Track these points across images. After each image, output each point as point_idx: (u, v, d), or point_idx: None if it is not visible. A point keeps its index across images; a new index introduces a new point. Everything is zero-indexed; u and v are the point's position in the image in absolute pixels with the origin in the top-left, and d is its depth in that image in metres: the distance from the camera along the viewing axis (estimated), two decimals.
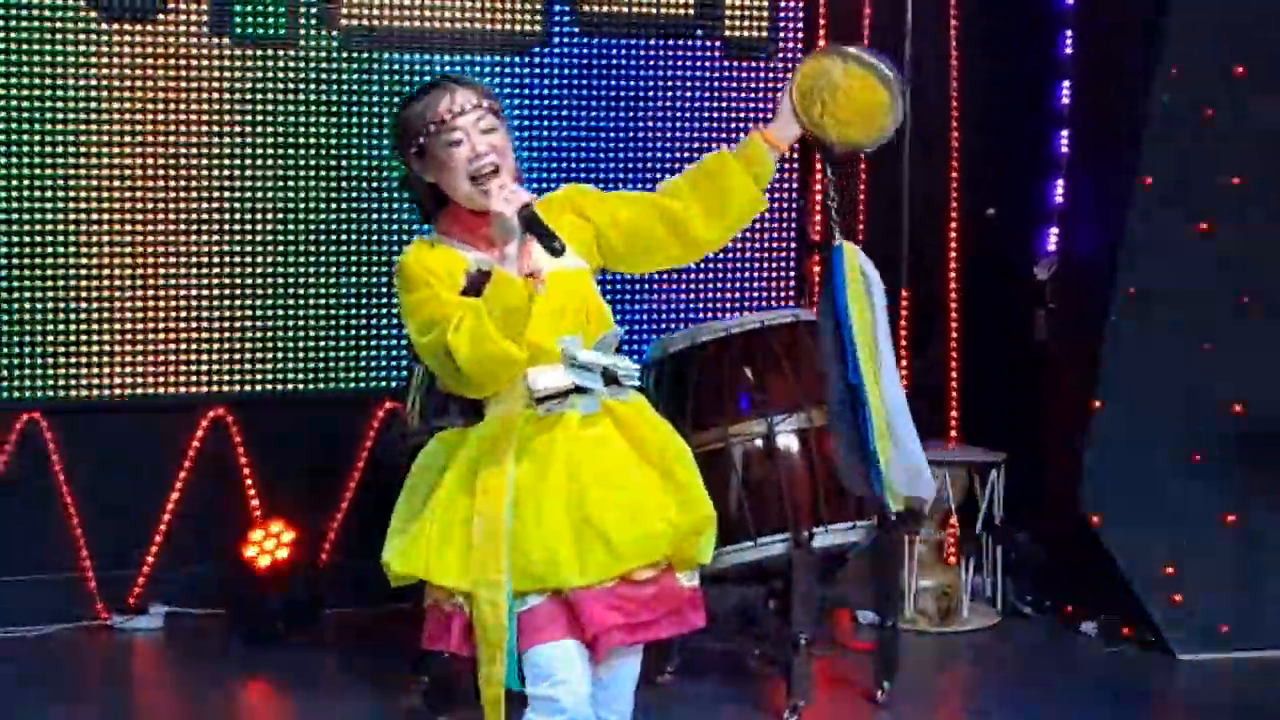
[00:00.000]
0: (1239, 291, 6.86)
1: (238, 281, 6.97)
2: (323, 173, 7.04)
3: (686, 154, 7.32)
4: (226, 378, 6.99)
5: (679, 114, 7.41)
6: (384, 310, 7.11)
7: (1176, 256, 6.85)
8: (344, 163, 7.05)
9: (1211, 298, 6.86)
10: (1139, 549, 6.82)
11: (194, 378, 6.96)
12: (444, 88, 4.18)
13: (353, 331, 7.11)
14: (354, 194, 7.07)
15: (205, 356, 6.96)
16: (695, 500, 4.19)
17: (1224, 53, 6.81)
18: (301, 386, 7.07)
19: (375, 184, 7.07)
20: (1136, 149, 6.86)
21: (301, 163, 7.01)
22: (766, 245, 7.58)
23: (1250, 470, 6.82)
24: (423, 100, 4.18)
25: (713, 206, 4.31)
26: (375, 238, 7.09)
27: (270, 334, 7.02)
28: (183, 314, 6.93)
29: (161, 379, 6.93)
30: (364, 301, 7.11)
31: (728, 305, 7.54)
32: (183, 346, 6.93)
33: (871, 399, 4.47)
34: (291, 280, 7.03)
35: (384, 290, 7.09)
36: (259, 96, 6.93)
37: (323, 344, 7.08)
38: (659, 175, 7.25)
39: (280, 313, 7.03)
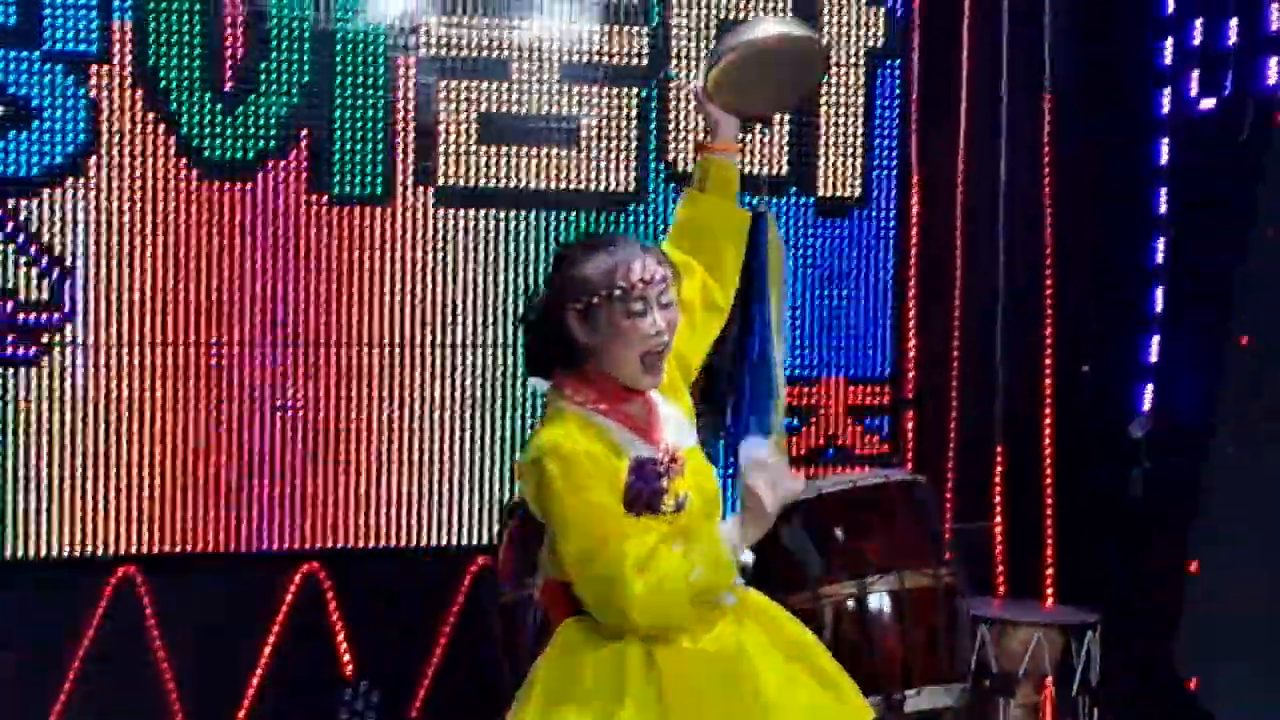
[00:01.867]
0: None
1: (328, 435, 7.01)
2: (420, 327, 7.08)
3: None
4: (313, 532, 7.02)
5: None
6: (476, 462, 7.13)
7: (1273, 414, 6.79)
8: (441, 318, 7.09)
9: None
10: (1243, 714, 6.71)
11: (283, 531, 6.98)
12: (634, 248, 3.90)
13: (444, 484, 7.12)
14: (449, 349, 7.11)
15: (298, 510, 6.99)
16: (850, 696, 4.04)
17: None
18: (393, 541, 7.08)
19: (474, 340, 7.11)
20: (1230, 307, 6.84)
21: (399, 317, 7.06)
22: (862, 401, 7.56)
23: None
24: (608, 257, 3.87)
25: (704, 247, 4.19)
26: (471, 390, 7.12)
27: (361, 487, 7.04)
28: (277, 468, 6.96)
29: (249, 534, 6.96)
30: (457, 454, 7.13)
31: None
32: (276, 501, 6.96)
33: (777, 373, 4.31)
34: (380, 433, 7.07)
35: (476, 443, 7.11)
36: (356, 254, 7.01)
37: (414, 498, 7.09)
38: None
39: (371, 465, 7.06)
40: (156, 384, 6.82)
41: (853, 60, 7.48)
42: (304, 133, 6.91)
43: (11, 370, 6.65)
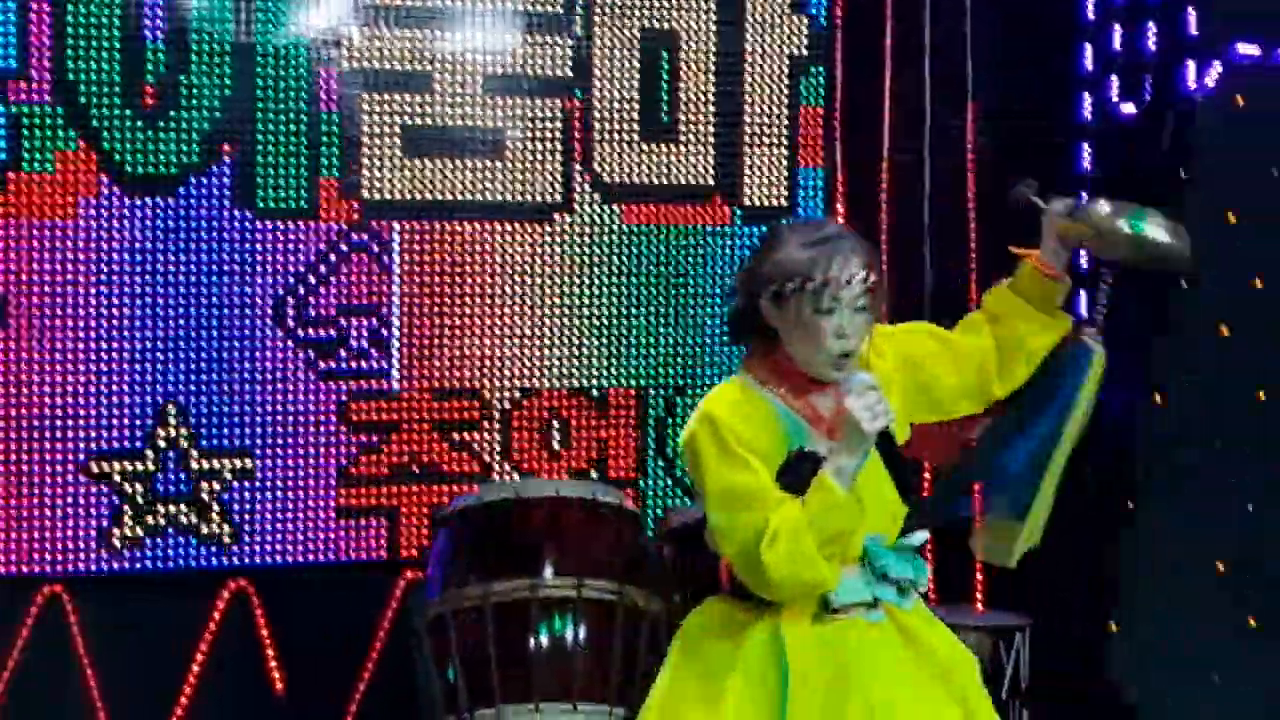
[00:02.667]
0: (1266, 444, 6.85)
1: (249, 448, 6.97)
2: (355, 342, 7.05)
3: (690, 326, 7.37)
4: (246, 549, 6.97)
5: (696, 283, 7.43)
6: (401, 480, 7.10)
7: (1200, 415, 6.85)
8: (365, 330, 7.07)
9: (1237, 457, 6.84)
10: (1164, 714, 6.74)
11: (211, 549, 6.94)
12: (842, 244, 3.84)
13: (372, 500, 7.08)
14: (382, 362, 7.08)
15: (226, 527, 6.94)
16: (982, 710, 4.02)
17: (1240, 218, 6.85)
18: (322, 558, 7.04)
19: (391, 355, 7.09)
20: (1160, 307, 6.89)
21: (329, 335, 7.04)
22: None
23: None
24: (814, 249, 3.81)
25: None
26: (380, 400, 7.08)
27: (288, 503, 7.00)
28: (202, 485, 6.91)
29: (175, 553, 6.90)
30: (382, 471, 7.10)
31: None
32: (201, 517, 6.91)
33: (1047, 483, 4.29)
34: (299, 446, 7.02)
35: (398, 461, 7.09)
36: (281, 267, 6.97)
37: (343, 513, 7.06)
38: (680, 338, 7.34)
39: (296, 481, 7.01)
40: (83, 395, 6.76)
41: (776, 68, 7.48)
42: (227, 147, 6.86)
43: None
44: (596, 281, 7.30)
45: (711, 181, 7.44)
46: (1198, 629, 6.81)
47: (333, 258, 7.00)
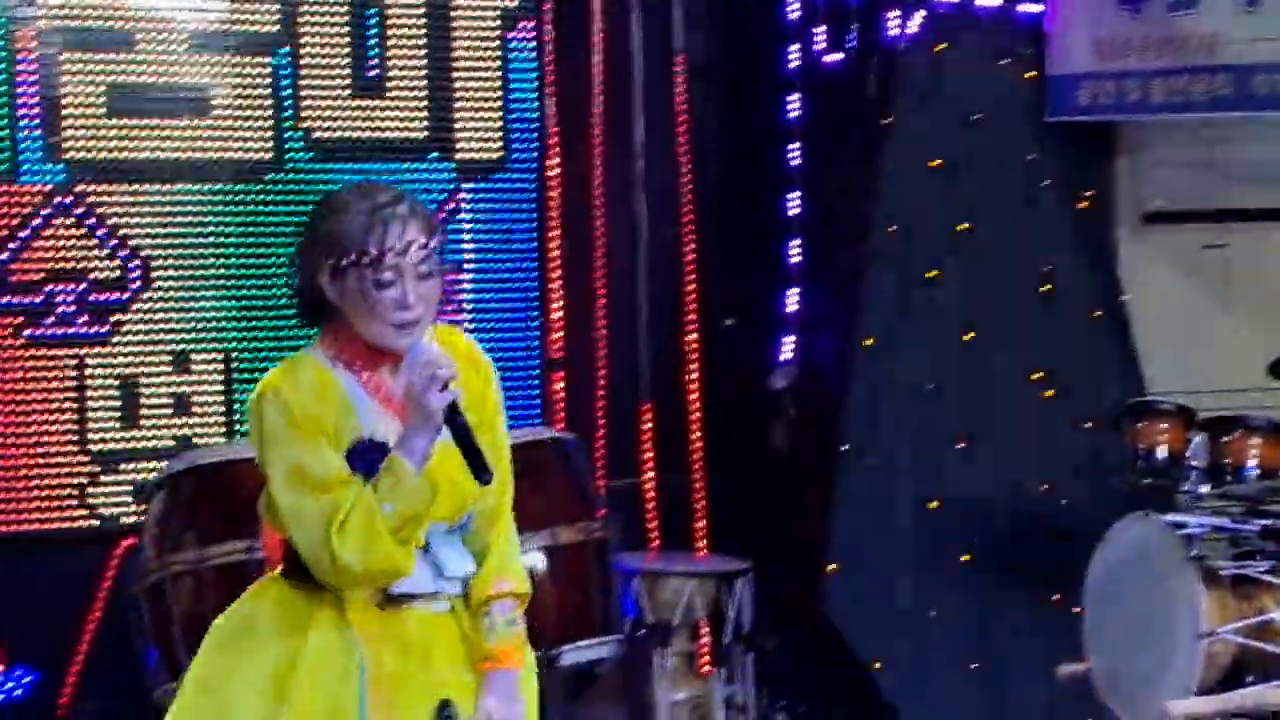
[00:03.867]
0: (970, 391, 7.03)
1: None
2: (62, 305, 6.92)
3: None
4: None
5: None
6: (122, 436, 7.00)
7: (907, 360, 7.01)
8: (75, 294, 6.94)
9: (944, 399, 7.01)
10: (883, 650, 6.91)
11: None
12: (396, 209, 3.59)
13: (89, 463, 6.96)
14: (81, 329, 6.95)
15: None
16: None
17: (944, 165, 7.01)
18: (36, 525, 6.91)
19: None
20: (866, 255, 7.03)
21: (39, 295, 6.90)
22: (509, 363, 7.57)
23: (988, 568, 6.96)
24: (365, 216, 3.57)
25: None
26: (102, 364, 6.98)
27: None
28: None
29: None
30: (100, 429, 6.98)
31: None
32: None
33: None
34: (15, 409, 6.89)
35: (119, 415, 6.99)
36: None
37: (54, 478, 6.93)
38: None
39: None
40: None
41: (487, 21, 7.46)
42: None
43: None
44: None
45: (424, 135, 7.40)
46: (912, 566, 6.98)
47: (36, 222, 6.84)
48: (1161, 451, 6.31)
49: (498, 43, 7.48)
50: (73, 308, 6.90)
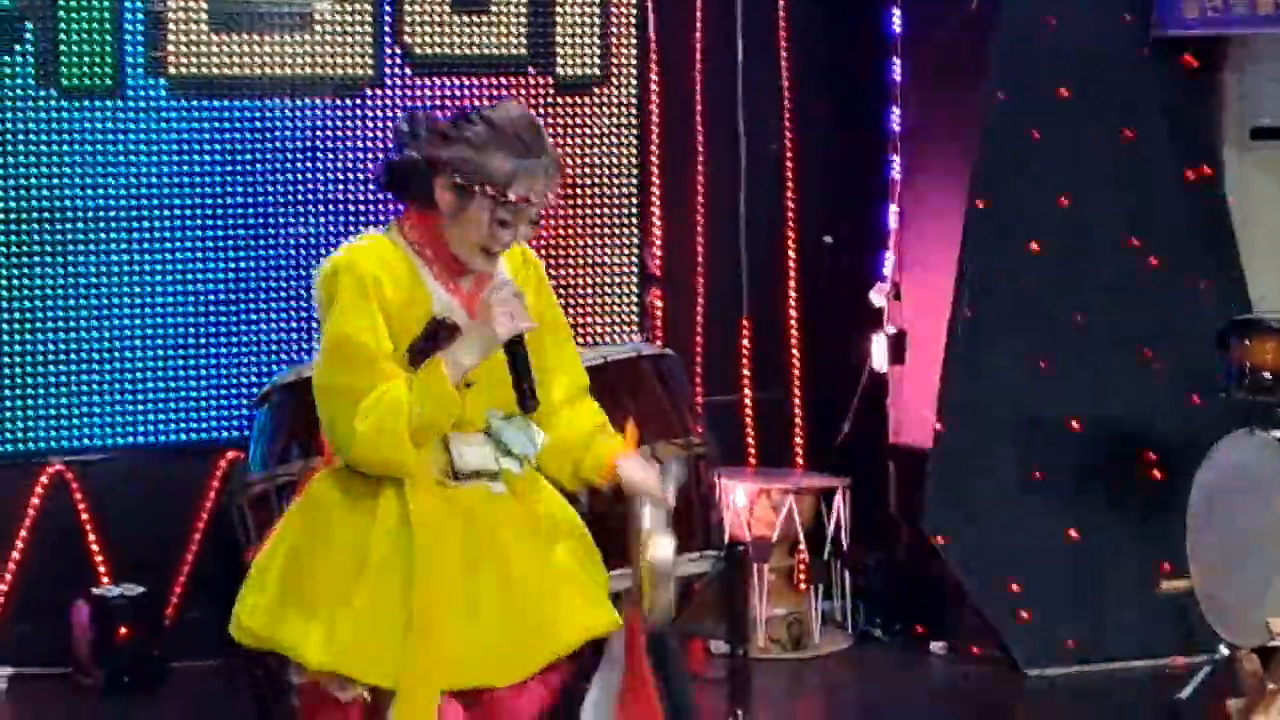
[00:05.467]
0: (1073, 310, 6.98)
1: (70, 332, 6.89)
2: (156, 222, 6.97)
3: None
4: (64, 432, 6.90)
5: None
6: (224, 357, 7.06)
7: (1010, 278, 6.96)
8: (177, 212, 6.99)
9: (1046, 317, 6.97)
10: (983, 568, 6.90)
11: (31, 433, 6.87)
12: (541, 163, 3.78)
13: (192, 380, 7.04)
14: (187, 242, 7.01)
15: (42, 410, 6.87)
16: (600, 571, 4.06)
17: (1049, 76, 6.93)
18: (142, 439, 6.99)
19: (216, 236, 7.03)
20: (966, 173, 6.97)
21: (134, 213, 6.95)
22: (608, 279, 7.58)
23: (1089, 487, 6.93)
24: (513, 159, 3.76)
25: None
26: (210, 284, 7.04)
27: (106, 385, 6.93)
28: (15, 368, 6.83)
29: None
30: (203, 349, 7.05)
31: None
32: (18, 401, 6.84)
33: None
34: (125, 330, 6.96)
35: (221, 337, 7.05)
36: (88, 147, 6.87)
37: (161, 394, 7.01)
38: None
39: (116, 363, 6.95)
40: None
41: None
42: (28, 25, 6.73)
43: None
44: None
45: (524, 52, 7.39)
46: (1011, 484, 6.95)
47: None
48: (1267, 369, 6.25)
49: None
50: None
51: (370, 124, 7.20)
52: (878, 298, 7.56)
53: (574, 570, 4.02)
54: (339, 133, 7.15)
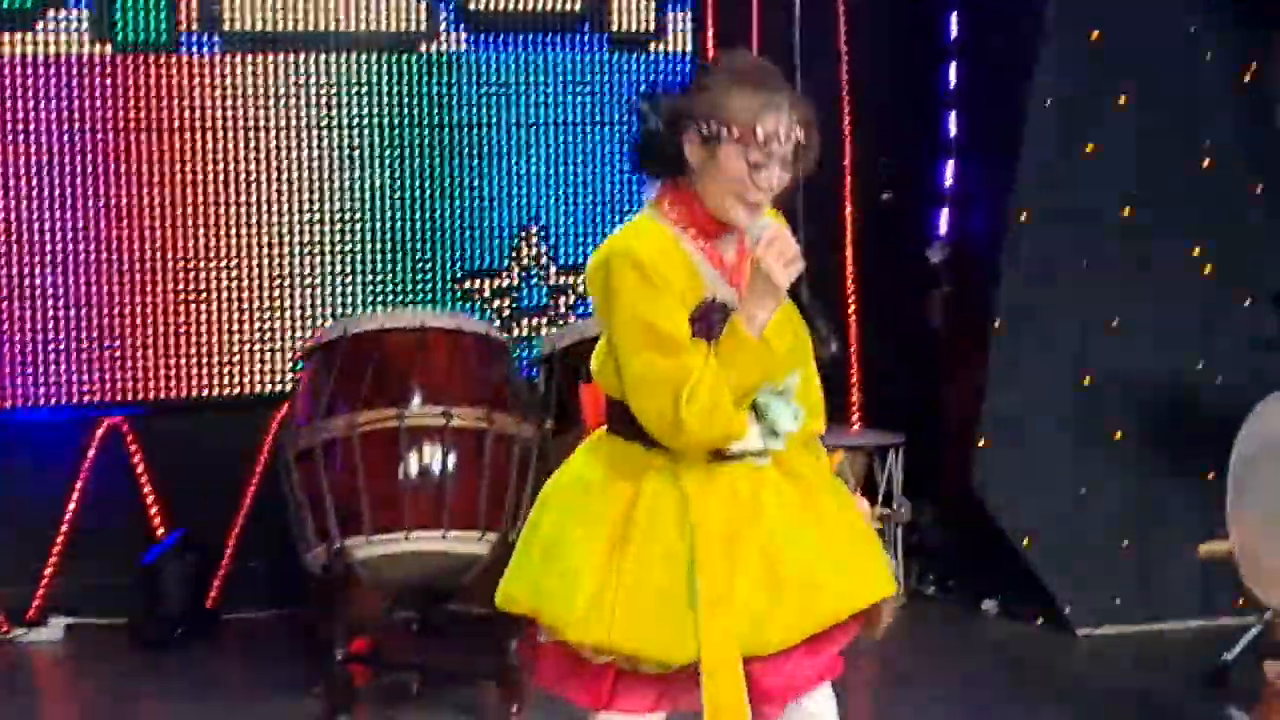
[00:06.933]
0: (1129, 268, 6.94)
1: (125, 288, 6.96)
2: (209, 178, 7.02)
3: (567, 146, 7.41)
4: (120, 386, 6.98)
5: (566, 107, 7.42)
6: (276, 312, 7.12)
7: (1064, 236, 6.92)
8: (229, 168, 7.04)
9: (1102, 276, 6.93)
10: (1034, 526, 6.88)
11: (87, 388, 6.94)
12: (783, 98, 3.68)
13: (246, 335, 7.10)
14: (240, 199, 7.06)
15: (98, 366, 6.94)
16: (869, 540, 3.98)
17: (1104, 38, 6.88)
18: (196, 393, 7.06)
19: (266, 193, 7.07)
20: (1021, 132, 6.93)
21: (187, 169, 7.00)
22: None
23: (1142, 445, 6.89)
24: (755, 97, 3.66)
25: None
26: (264, 240, 7.08)
27: (162, 340, 7.00)
28: (71, 324, 6.91)
29: (55, 390, 6.91)
30: (255, 304, 7.11)
31: None
32: (74, 357, 6.91)
33: None
34: (178, 285, 7.03)
35: (275, 291, 7.12)
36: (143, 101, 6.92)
37: (216, 349, 7.07)
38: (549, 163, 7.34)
39: (171, 319, 7.01)
40: None
41: None
42: None
43: None
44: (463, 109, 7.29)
45: (578, 7, 7.39)
46: (1066, 442, 6.93)
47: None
48: None
49: None
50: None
51: (424, 81, 7.22)
52: (934, 256, 7.53)
53: (842, 539, 3.90)
54: (394, 89, 7.18)
